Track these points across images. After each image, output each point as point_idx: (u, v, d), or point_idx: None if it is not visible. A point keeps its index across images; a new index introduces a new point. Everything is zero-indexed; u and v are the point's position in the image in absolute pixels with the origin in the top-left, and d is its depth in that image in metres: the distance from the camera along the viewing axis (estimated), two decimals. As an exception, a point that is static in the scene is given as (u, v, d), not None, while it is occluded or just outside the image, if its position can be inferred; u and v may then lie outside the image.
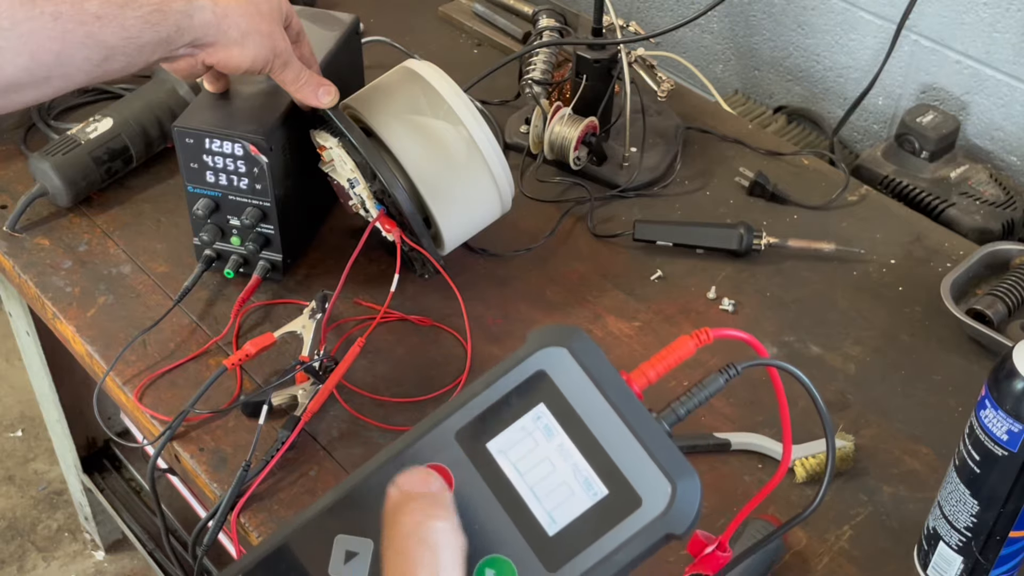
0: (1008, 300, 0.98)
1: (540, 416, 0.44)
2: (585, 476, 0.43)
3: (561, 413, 0.44)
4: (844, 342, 0.98)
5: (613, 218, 1.11)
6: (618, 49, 1.13)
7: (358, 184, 0.93)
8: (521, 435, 0.44)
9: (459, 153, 0.93)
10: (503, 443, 0.44)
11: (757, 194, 1.14)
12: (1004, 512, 0.70)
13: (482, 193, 0.95)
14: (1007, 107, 1.20)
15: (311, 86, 0.90)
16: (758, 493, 0.54)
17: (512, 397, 0.44)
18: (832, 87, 1.37)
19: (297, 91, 0.90)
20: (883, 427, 0.90)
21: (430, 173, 0.93)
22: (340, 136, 0.93)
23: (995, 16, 1.17)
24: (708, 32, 1.50)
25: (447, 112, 0.93)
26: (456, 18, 1.42)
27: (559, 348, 0.45)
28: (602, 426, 0.43)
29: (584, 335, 0.45)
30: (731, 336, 0.48)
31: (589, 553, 0.41)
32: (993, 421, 0.67)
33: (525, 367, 0.45)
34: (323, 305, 0.92)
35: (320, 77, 0.91)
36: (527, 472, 0.43)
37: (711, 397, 0.48)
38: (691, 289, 1.03)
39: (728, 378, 0.49)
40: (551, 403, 0.44)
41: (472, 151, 0.93)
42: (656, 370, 0.50)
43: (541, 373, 0.45)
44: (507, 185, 0.97)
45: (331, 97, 0.91)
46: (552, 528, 0.43)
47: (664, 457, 0.42)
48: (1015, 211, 1.15)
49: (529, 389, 0.44)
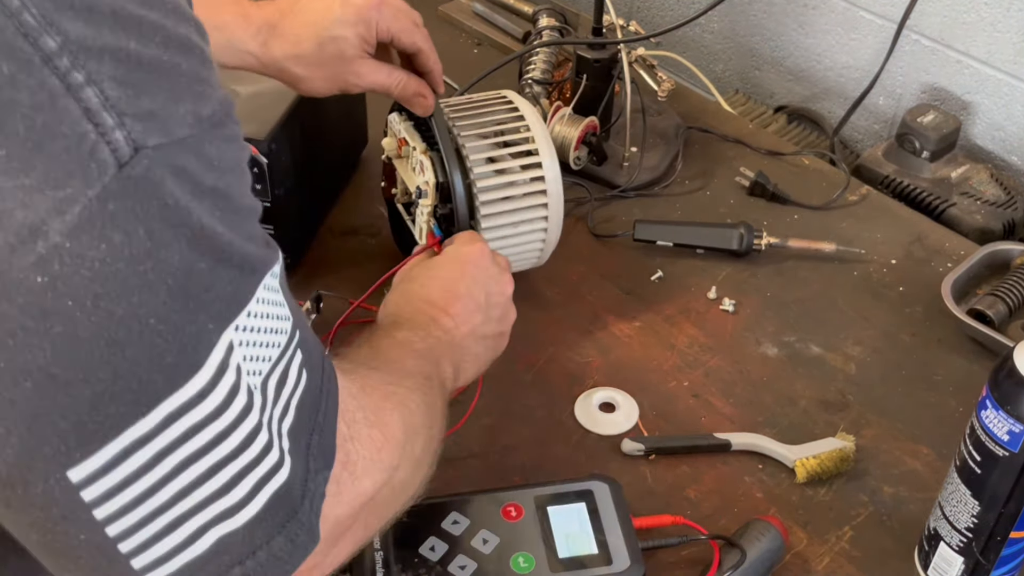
0: (1009, 300, 0.98)
1: (581, 507, 0.79)
2: (591, 539, 0.76)
3: (591, 510, 0.78)
4: (845, 342, 0.98)
5: (613, 218, 1.11)
6: (618, 49, 1.13)
7: (425, 197, 0.90)
8: (567, 508, 0.79)
9: (526, 194, 0.93)
10: (556, 509, 0.78)
11: (757, 194, 1.14)
12: (1005, 512, 0.70)
13: (531, 243, 0.95)
14: (1008, 107, 1.20)
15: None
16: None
17: (571, 493, 0.79)
18: (833, 87, 1.37)
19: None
20: (884, 427, 0.90)
21: (495, 207, 0.92)
22: (431, 145, 0.91)
23: (996, 16, 1.17)
24: (708, 32, 1.50)
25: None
26: (456, 18, 1.41)
27: (603, 483, 0.80)
28: (609, 524, 0.77)
29: (620, 486, 0.80)
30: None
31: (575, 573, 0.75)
32: (994, 421, 0.67)
33: (583, 483, 0.80)
34: (317, 305, 0.92)
35: (415, 83, 0.89)
36: (561, 524, 0.77)
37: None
38: (691, 289, 1.03)
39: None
40: (588, 503, 0.79)
41: (541, 199, 0.93)
42: (642, 523, 0.79)
43: (589, 490, 0.80)
44: (554, 241, 0.97)
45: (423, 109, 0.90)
46: (562, 553, 0.75)
47: (631, 549, 0.75)
48: (1016, 211, 1.15)
49: (581, 494, 0.79)
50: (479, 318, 0.79)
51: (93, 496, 0.43)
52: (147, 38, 0.42)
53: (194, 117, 0.44)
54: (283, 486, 0.49)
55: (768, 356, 0.96)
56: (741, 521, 0.80)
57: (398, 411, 0.61)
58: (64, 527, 0.44)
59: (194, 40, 0.45)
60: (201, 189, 0.44)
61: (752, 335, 0.98)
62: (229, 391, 0.46)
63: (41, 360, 0.41)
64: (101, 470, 0.43)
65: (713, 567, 0.76)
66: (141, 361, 0.42)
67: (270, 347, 0.49)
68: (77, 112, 0.40)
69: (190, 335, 0.44)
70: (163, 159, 0.42)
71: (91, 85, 0.40)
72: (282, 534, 0.49)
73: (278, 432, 0.49)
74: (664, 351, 0.96)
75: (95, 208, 0.40)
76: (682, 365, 0.94)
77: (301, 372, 0.52)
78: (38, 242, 0.39)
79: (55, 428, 0.42)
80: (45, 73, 0.39)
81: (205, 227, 0.44)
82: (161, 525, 0.45)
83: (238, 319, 0.46)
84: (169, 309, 0.43)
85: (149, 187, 0.41)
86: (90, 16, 0.40)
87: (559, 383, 0.93)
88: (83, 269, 0.40)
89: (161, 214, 0.42)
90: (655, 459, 0.86)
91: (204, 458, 0.46)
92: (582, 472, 0.84)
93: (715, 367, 0.94)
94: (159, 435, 0.44)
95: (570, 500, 0.79)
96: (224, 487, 0.47)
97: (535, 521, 0.77)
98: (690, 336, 0.97)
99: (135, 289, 0.42)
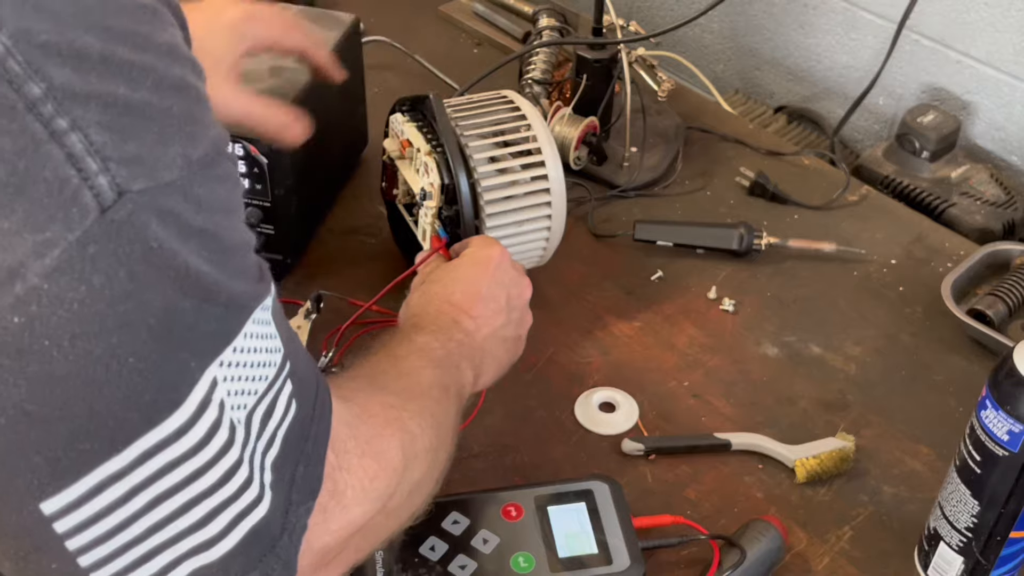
0: (1009, 300, 0.98)
1: (581, 507, 0.79)
2: (591, 539, 0.76)
3: (591, 510, 0.78)
4: (845, 342, 0.98)
5: (613, 218, 1.11)
6: (618, 49, 1.13)
7: (429, 199, 0.90)
8: (567, 508, 0.79)
9: (528, 193, 0.93)
10: (556, 509, 0.78)
11: (757, 194, 1.14)
12: (1005, 512, 0.70)
13: (534, 243, 0.95)
14: (1008, 107, 1.20)
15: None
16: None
17: (571, 492, 0.79)
18: (833, 87, 1.37)
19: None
20: (884, 427, 0.90)
21: (499, 206, 0.92)
22: (436, 147, 0.90)
23: (996, 16, 1.17)
24: (709, 32, 1.50)
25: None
26: (456, 18, 1.41)
27: (603, 483, 0.80)
28: (609, 524, 0.77)
29: (620, 486, 0.80)
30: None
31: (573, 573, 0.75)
32: (994, 421, 0.67)
33: (583, 483, 0.80)
34: (318, 306, 0.92)
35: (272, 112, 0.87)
36: (561, 524, 0.77)
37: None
38: (691, 289, 1.03)
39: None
40: (588, 503, 0.79)
41: (544, 198, 0.93)
42: (642, 523, 0.79)
43: (590, 490, 0.80)
44: (556, 241, 0.97)
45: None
46: (562, 553, 0.76)
47: (631, 549, 0.75)
48: (1016, 211, 1.15)
49: (581, 493, 0.79)
50: (500, 320, 0.79)
51: (66, 528, 0.44)
52: (137, 82, 0.42)
53: (184, 159, 0.44)
54: (261, 521, 0.49)
55: (768, 356, 0.96)
56: (741, 521, 0.80)
57: (397, 437, 0.60)
58: (36, 556, 0.44)
59: (189, 80, 0.45)
60: (188, 231, 0.44)
61: (752, 335, 0.98)
62: (210, 427, 0.46)
63: (16, 397, 0.41)
64: (74, 503, 0.43)
65: (713, 567, 0.76)
66: (118, 399, 0.43)
67: (256, 380, 0.49)
68: (60, 157, 0.40)
69: (170, 373, 0.44)
70: (148, 203, 0.42)
71: (75, 131, 0.40)
72: (258, 568, 0.49)
73: (260, 466, 0.49)
74: (664, 351, 0.96)
75: (75, 251, 0.40)
76: (682, 365, 0.94)
77: (290, 403, 0.51)
78: (16, 284, 0.40)
79: (28, 463, 0.42)
80: (29, 119, 0.39)
81: (191, 268, 0.44)
82: (134, 556, 0.45)
83: (223, 355, 0.46)
84: (149, 348, 0.43)
85: (131, 231, 0.41)
86: (79, 63, 0.40)
87: (559, 383, 0.93)
88: (61, 310, 0.40)
89: (145, 257, 0.42)
90: (655, 459, 0.86)
91: (180, 493, 0.45)
92: (582, 472, 0.84)
93: (715, 367, 0.94)
94: (134, 471, 0.44)
95: (570, 500, 0.79)
96: (200, 521, 0.46)
97: (535, 521, 0.77)
98: (690, 336, 0.97)
99: (114, 329, 0.42)
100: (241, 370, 0.47)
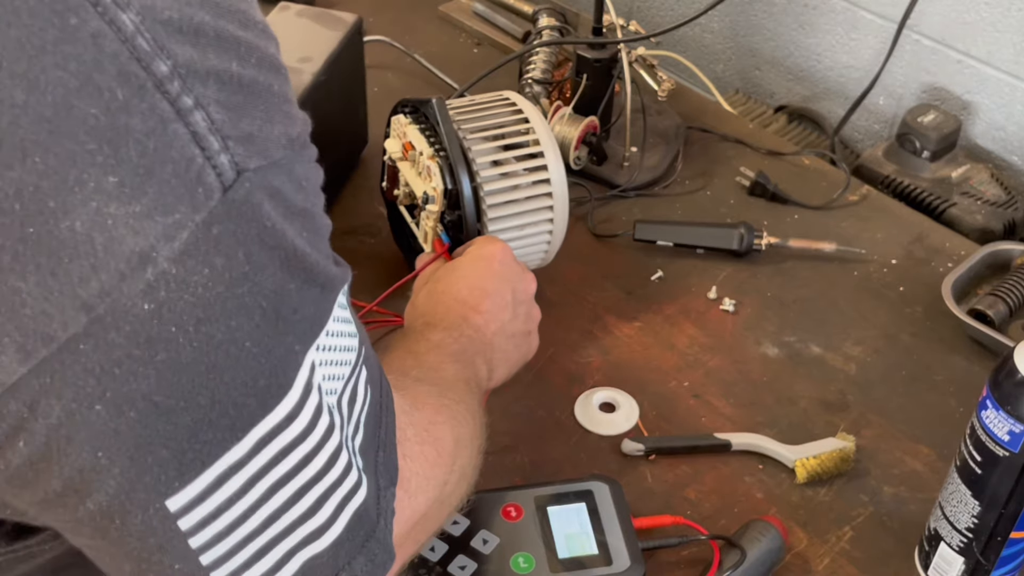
0: (1009, 300, 0.98)
1: (581, 507, 0.79)
2: (591, 540, 0.76)
3: (591, 510, 0.78)
4: (845, 342, 0.98)
5: (613, 218, 1.11)
6: (618, 48, 1.13)
7: (432, 203, 0.89)
8: (567, 508, 0.79)
9: (530, 196, 0.92)
10: (556, 510, 0.78)
11: (758, 194, 1.14)
12: (1005, 513, 0.70)
13: (536, 244, 0.95)
14: (1008, 107, 1.20)
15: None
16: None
17: (571, 493, 0.80)
18: (833, 87, 1.37)
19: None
20: (884, 427, 0.90)
21: (501, 210, 0.91)
22: (439, 151, 0.90)
23: (997, 15, 1.17)
24: (709, 31, 1.50)
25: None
26: (456, 17, 1.41)
27: (603, 483, 0.80)
28: (609, 524, 0.77)
29: (620, 487, 0.80)
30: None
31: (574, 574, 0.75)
32: (994, 421, 0.67)
33: (583, 483, 0.80)
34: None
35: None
36: (561, 525, 0.77)
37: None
38: (691, 289, 1.03)
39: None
40: (588, 503, 0.79)
41: (546, 201, 0.93)
42: (642, 523, 0.79)
43: (589, 490, 0.80)
44: (559, 242, 0.97)
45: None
46: (562, 553, 0.76)
47: (631, 549, 0.76)
48: (1016, 211, 1.15)
49: (581, 494, 0.79)
50: (508, 314, 0.79)
51: (189, 524, 0.43)
52: (245, 60, 0.42)
53: (287, 138, 0.44)
54: (362, 505, 0.49)
55: (768, 356, 0.96)
56: (741, 521, 0.80)
57: (448, 424, 0.61)
58: (159, 557, 0.44)
59: (281, 60, 0.45)
60: (292, 210, 0.44)
61: (752, 335, 0.98)
62: (314, 412, 0.46)
63: (145, 388, 0.40)
64: (198, 498, 0.43)
65: (713, 567, 0.76)
66: (237, 385, 0.42)
67: (343, 365, 0.49)
68: (186, 136, 0.39)
69: (280, 357, 0.44)
70: (261, 182, 0.42)
71: (199, 109, 0.40)
72: (363, 553, 0.49)
73: (353, 450, 0.49)
74: (664, 351, 0.96)
75: (201, 233, 0.40)
76: (682, 365, 0.94)
77: (367, 389, 0.51)
78: (147, 269, 0.39)
79: (156, 457, 0.41)
80: (157, 98, 0.39)
81: (297, 248, 0.44)
82: (252, 551, 0.45)
83: (319, 339, 0.46)
84: (262, 332, 0.42)
85: (249, 210, 0.41)
86: (197, 39, 0.40)
87: (559, 383, 0.93)
88: (187, 295, 0.40)
89: (259, 237, 0.42)
90: (655, 459, 0.86)
91: (291, 481, 0.45)
92: (582, 472, 0.84)
93: (715, 367, 0.94)
94: (252, 459, 0.44)
95: (570, 500, 0.79)
96: (310, 509, 0.46)
97: (535, 521, 0.77)
98: (690, 336, 0.97)
99: (233, 313, 0.41)
100: (332, 354, 0.48)
